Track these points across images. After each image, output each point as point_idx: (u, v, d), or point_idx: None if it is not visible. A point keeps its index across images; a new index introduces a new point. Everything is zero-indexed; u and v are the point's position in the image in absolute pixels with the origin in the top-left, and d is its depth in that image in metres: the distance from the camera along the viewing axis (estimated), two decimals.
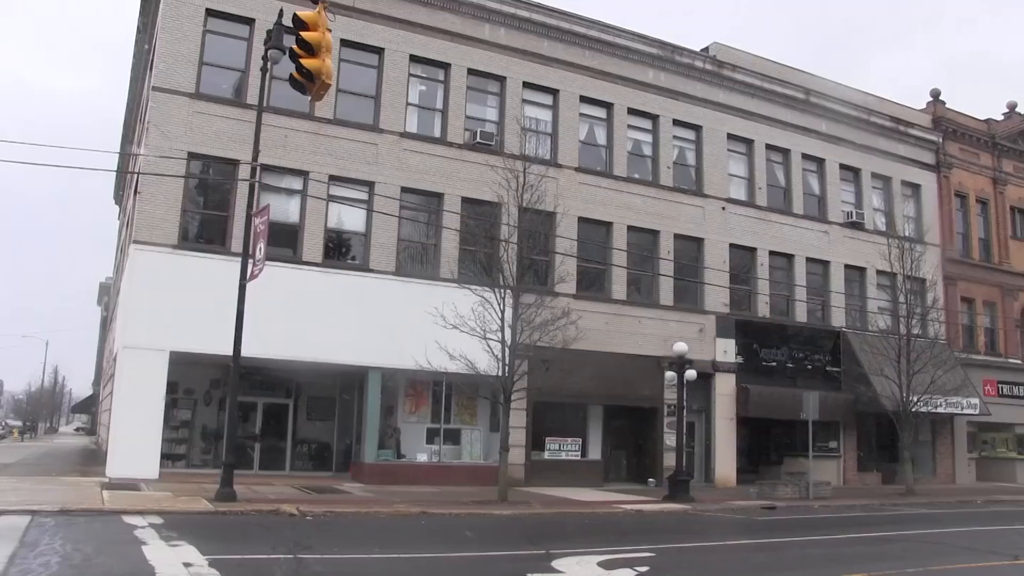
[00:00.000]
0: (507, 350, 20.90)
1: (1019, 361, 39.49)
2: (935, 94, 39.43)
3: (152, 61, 24.69)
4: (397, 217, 25.01)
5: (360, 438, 24.90)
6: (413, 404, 25.74)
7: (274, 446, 26.05)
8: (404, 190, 25.40)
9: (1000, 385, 38.14)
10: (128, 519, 14.22)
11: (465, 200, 26.02)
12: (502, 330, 20.81)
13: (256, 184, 19.08)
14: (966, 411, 34.33)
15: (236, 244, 21.28)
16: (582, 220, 27.80)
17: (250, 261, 18.11)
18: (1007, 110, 42.52)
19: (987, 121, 41.14)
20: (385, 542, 13.84)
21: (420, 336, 21.80)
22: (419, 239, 26.20)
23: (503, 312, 20.89)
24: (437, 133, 26.55)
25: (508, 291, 21.13)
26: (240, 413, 22.47)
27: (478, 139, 26.33)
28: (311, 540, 13.07)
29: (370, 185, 24.92)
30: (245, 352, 17.99)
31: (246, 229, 18.50)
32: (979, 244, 39.63)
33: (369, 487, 22.43)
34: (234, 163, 22.91)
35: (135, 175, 24.97)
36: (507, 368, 20.97)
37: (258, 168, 18.96)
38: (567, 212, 26.58)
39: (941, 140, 38.26)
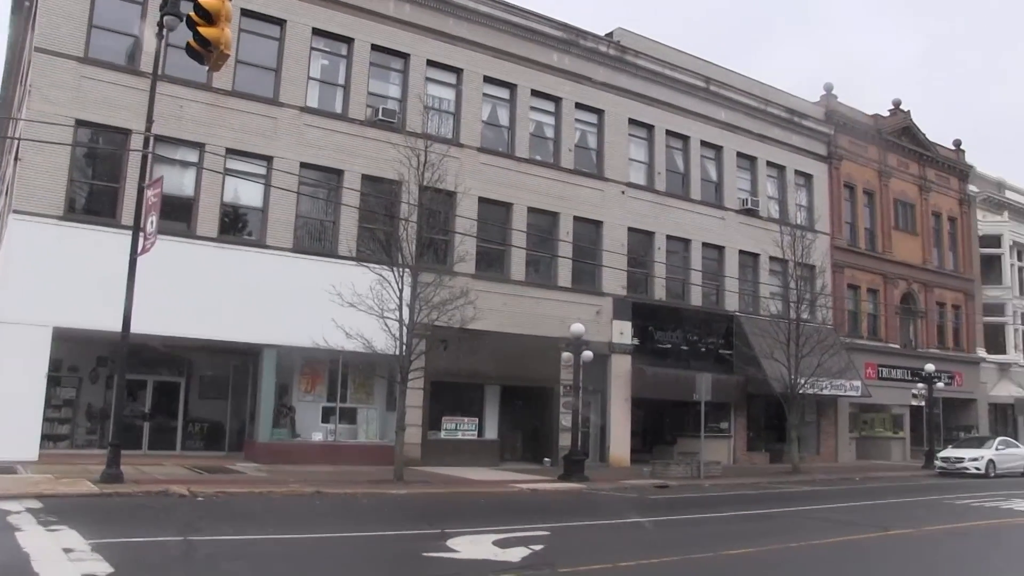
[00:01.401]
0: (405, 329, 20.84)
1: (897, 346, 41.38)
2: (828, 88, 40.77)
3: (34, 19, 23.47)
4: (296, 193, 24.54)
5: (254, 417, 24.46)
6: (309, 383, 25.40)
7: (164, 425, 25.34)
8: (303, 165, 24.91)
9: (880, 368, 39.91)
10: (2, 504, 13.52)
11: (365, 177, 25.67)
12: (400, 309, 20.71)
13: (149, 155, 18.45)
14: (849, 393, 35.81)
15: (127, 216, 20.57)
16: (483, 200, 27.77)
17: (141, 235, 17.53)
18: (893, 107, 44.30)
19: (875, 116, 42.83)
20: (279, 523, 13.68)
21: (317, 314, 21.53)
22: (318, 216, 25.77)
23: (401, 291, 20.80)
24: (338, 109, 26.12)
25: (407, 270, 21.04)
26: (128, 391, 21.74)
27: (380, 116, 26.04)
28: (202, 522, 12.83)
29: (268, 159, 24.38)
30: (135, 329, 17.49)
31: (138, 201, 17.85)
32: (865, 234, 41.22)
33: (263, 467, 22.05)
34: (126, 132, 22.07)
35: (15, 141, 23.82)
36: (404, 347, 20.91)
37: (151, 139, 18.34)
38: (468, 192, 26.51)
39: (833, 133, 39.59)
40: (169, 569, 9.85)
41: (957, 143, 47.88)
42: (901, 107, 44.28)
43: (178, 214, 22.82)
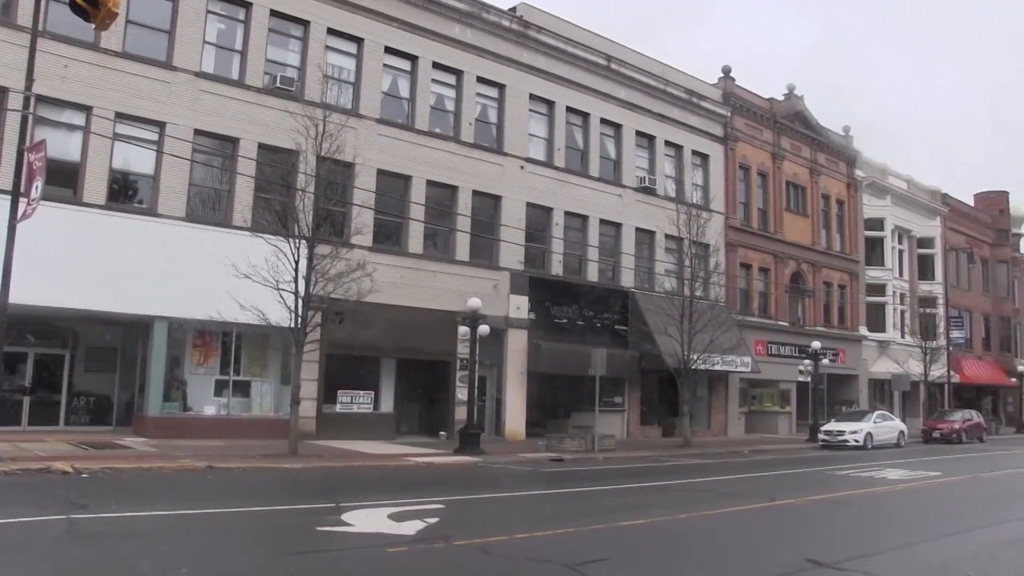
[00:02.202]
0: (300, 301, 20.59)
1: (786, 323, 42.82)
2: (726, 70, 41.61)
3: None
4: (189, 161, 23.87)
5: (144, 390, 23.80)
6: (201, 355, 24.85)
7: (47, 400, 24.37)
8: (198, 132, 24.24)
9: (769, 345, 41.26)
10: None
11: (262, 146, 25.15)
12: (296, 281, 20.45)
13: (30, 116, 17.62)
14: (739, 369, 36.91)
15: (3, 180, 19.65)
16: (381, 172, 27.51)
17: (23, 200, 16.78)
18: (787, 92, 45.59)
19: (770, 100, 44.00)
20: (169, 498, 13.34)
21: (210, 285, 21.11)
22: (212, 184, 25.13)
23: (297, 262, 20.54)
24: (235, 75, 25.44)
25: (303, 241, 20.75)
26: (7, 365, 20.83)
27: (278, 84, 25.50)
28: (87, 499, 12.43)
29: (161, 125, 23.58)
30: (14, 299, 16.71)
31: (17, 164, 17.06)
32: (758, 214, 42.42)
33: (152, 441, 21.54)
34: (3, 91, 21.08)
35: None
36: (300, 320, 20.66)
37: (32, 99, 17.53)
38: (366, 163, 26.26)
39: (730, 114, 40.53)
40: (50, 550, 9.42)
41: (846, 129, 49.66)
42: (795, 92, 45.64)
43: (63, 179, 21.92)
